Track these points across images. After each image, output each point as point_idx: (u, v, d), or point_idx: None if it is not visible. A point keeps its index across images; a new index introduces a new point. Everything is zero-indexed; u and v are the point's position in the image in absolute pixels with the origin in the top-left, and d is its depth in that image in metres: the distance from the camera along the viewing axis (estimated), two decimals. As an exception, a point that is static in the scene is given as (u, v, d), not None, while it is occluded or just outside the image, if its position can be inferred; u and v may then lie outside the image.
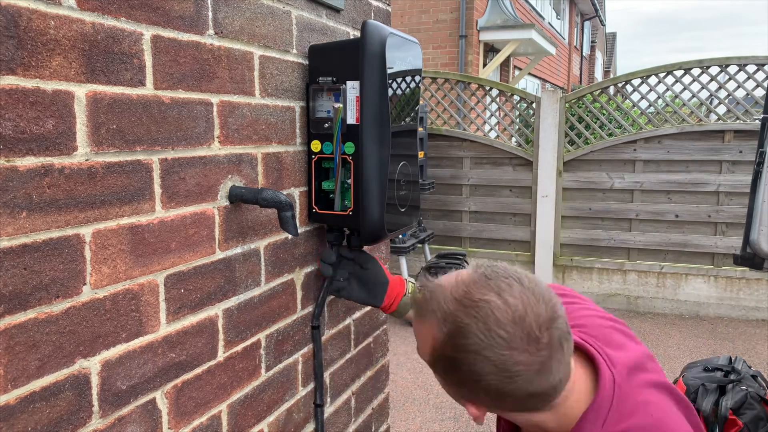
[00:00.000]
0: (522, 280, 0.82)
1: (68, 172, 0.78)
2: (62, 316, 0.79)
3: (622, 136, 5.32)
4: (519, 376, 0.78)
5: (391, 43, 1.23)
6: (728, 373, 3.31)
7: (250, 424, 1.18)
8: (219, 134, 1.05)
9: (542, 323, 0.78)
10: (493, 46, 10.67)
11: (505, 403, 0.84)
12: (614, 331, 1.01)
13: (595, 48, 26.12)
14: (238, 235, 1.11)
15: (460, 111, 6.01)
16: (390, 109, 1.25)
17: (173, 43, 0.93)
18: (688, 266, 5.26)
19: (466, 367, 0.80)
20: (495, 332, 0.77)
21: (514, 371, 0.78)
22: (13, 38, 0.70)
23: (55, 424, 0.78)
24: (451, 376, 0.86)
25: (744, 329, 4.88)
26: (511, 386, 0.79)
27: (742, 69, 5.00)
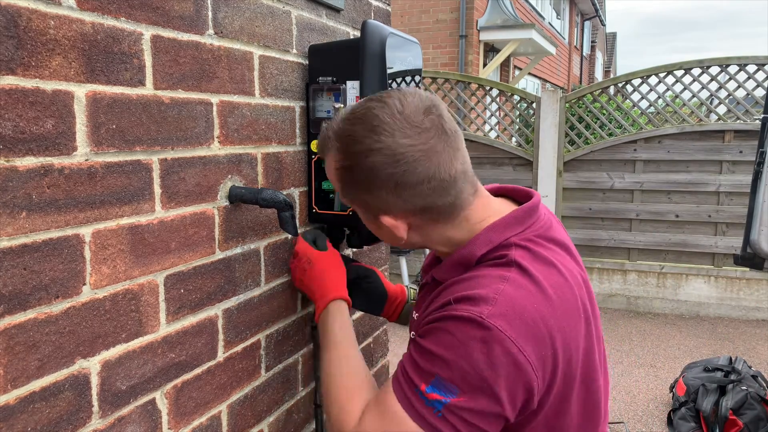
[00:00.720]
0: (400, 88, 0.91)
1: (68, 172, 0.78)
2: (62, 316, 0.79)
3: (623, 136, 5.32)
4: (406, 157, 0.84)
5: (391, 43, 1.23)
6: (728, 373, 3.32)
7: (249, 425, 1.18)
8: (219, 134, 1.05)
9: (420, 111, 0.86)
10: (493, 46, 10.67)
11: (408, 197, 0.87)
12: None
13: (595, 48, 26.12)
14: (238, 236, 1.11)
15: (460, 111, 6.01)
16: (390, 109, 1.25)
17: (173, 43, 0.93)
18: (688, 266, 5.26)
19: (363, 167, 0.87)
20: (378, 127, 0.85)
21: (401, 153, 0.84)
22: (13, 38, 0.70)
23: (55, 424, 0.78)
24: (355, 186, 0.91)
25: (744, 329, 4.88)
26: (402, 169, 0.85)
27: (743, 69, 5.00)
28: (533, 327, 0.81)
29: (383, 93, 0.90)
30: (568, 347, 0.86)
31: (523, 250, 0.89)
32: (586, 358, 0.90)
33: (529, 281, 0.85)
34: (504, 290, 0.83)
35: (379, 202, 0.90)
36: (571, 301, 0.88)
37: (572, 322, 0.87)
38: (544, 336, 0.82)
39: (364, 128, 0.86)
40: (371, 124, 0.85)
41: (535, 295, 0.84)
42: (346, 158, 0.89)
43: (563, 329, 0.85)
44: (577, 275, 0.93)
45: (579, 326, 0.89)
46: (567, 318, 0.86)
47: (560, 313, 0.85)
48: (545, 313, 0.83)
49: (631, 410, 3.55)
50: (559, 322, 0.84)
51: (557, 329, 0.84)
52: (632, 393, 3.76)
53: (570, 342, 0.86)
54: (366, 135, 0.86)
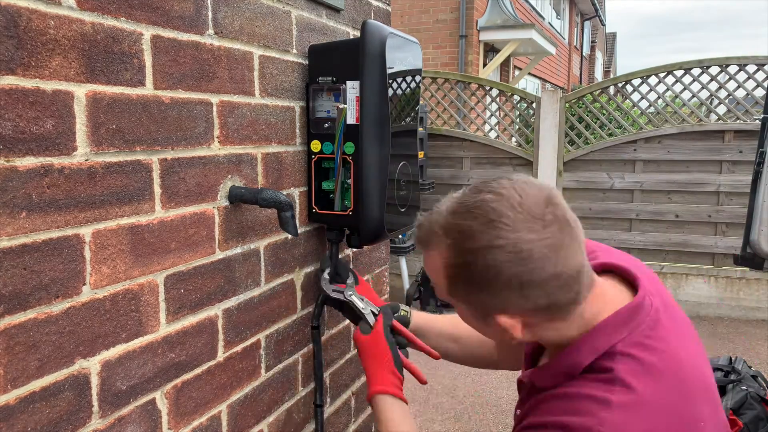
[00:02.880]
0: (510, 176, 0.83)
1: (68, 172, 0.78)
2: (62, 316, 0.79)
3: (622, 136, 5.32)
4: (533, 254, 0.77)
5: (391, 43, 1.23)
6: (728, 373, 3.31)
7: (249, 425, 1.18)
8: (219, 134, 1.05)
9: (541, 202, 0.79)
10: (493, 46, 10.66)
11: (532, 295, 0.80)
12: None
13: (595, 48, 26.11)
14: (238, 235, 1.11)
15: (460, 111, 6.01)
16: (390, 109, 1.25)
17: (173, 43, 0.93)
18: (688, 266, 5.25)
19: (482, 264, 0.79)
20: (497, 222, 0.77)
21: (527, 249, 0.76)
22: (12, 38, 0.70)
23: (55, 424, 0.78)
24: (470, 285, 0.83)
25: (744, 329, 4.88)
26: (529, 267, 0.77)
27: (743, 69, 5.00)
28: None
29: (493, 183, 0.82)
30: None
31: (630, 361, 0.81)
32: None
33: (637, 402, 0.78)
34: (607, 420, 0.76)
35: (498, 302, 0.82)
36: (686, 405, 0.82)
37: (687, 425, 0.81)
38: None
39: (480, 222, 0.78)
40: (488, 217, 0.77)
41: (643, 419, 0.77)
42: (461, 255, 0.81)
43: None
44: (694, 355, 0.87)
45: (700, 419, 0.83)
46: (680, 427, 0.81)
47: (676, 424, 0.80)
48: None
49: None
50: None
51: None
52: (632, 393, 3.77)
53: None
54: (484, 230, 0.77)
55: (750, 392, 3.21)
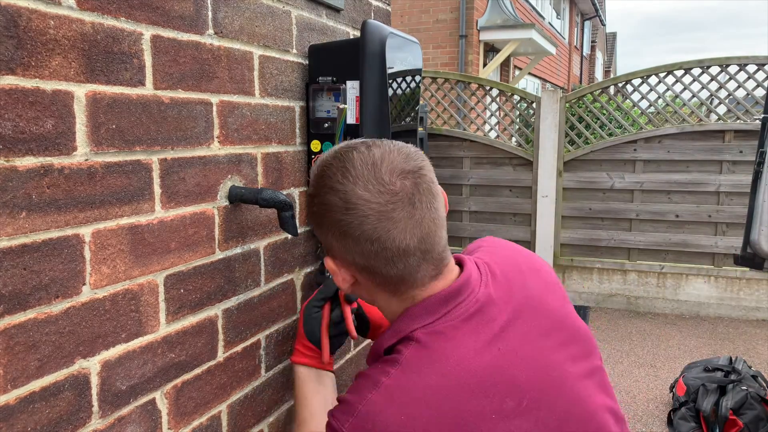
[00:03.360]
0: (397, 142, 0.87)
1: (68, 172, 0.78)
2: (62, 316, 0.79)
3: (623, 136, 5.32)
4: (356, 210, 0.81)
5: (391, 43, 1.23)
6: (728, 373, 3.32)
7: (250, 425, 1.18)
8: (219, 134, 1.05)
9: (394, 171, 0.82)
10: (493, 46, 10.66)
11: (350, 248, 0.84)
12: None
13: (595, 48, 26.11)
14: (238, 235, 1.11)
15: (460, 111, 6.01)
16: (390, 109, 1.25)
17: (173, 43, 0.93)
18: (688, 266, 5.25)
19: (319, 200, 0.85)
20: (348, 170, 0.83)
21: (353, 203, 0.81)
22: (12, 38, 0.70)
23: (55, 424, 0.78)
24: (311, 217, 0.90)
25: (744, 329, 4.88)
26: (350, 220, 0.82)
27: (743, 69, 5.00)
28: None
29: (381, 141, 0.87)
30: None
31: (418, 347, 0.82)
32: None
33: (406, 387, 0.79)
34: (369, 399, 0.79)
35: (327, 243, 0.89)
36: (473, 399, 0.79)
37: (468, 426, 0.78)
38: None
39: (337, 165, 0.85)
40: (344, 165, 0.84)
41: (404, 405, 0.78)
42: (314, 186, 0.88)
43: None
44: (523, 351, 0.84)
45: (491, 424, 0.79)
46: (454, 426, 0.78)
47: (444, 418, 0.77)
48: (410, 427, 0.77)
49: (631, 410, 3.55)
50: (440, 426, 0.77)
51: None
52: (632, 393, 3.76)
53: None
54: (334, 173, 0.84)
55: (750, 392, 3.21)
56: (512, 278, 0.93)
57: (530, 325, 0.88)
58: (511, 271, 0.94)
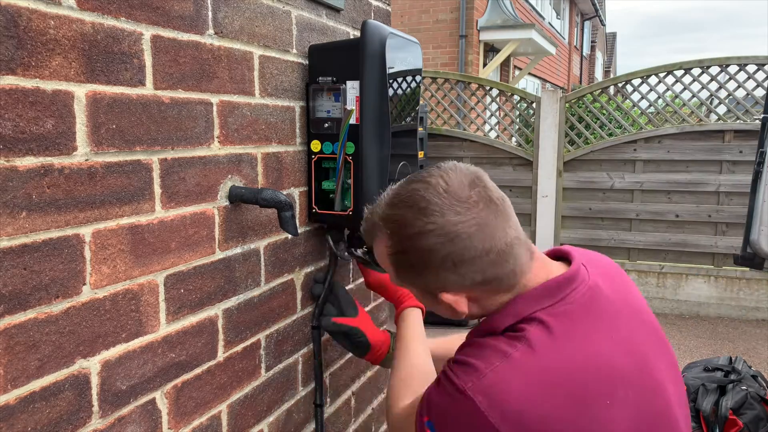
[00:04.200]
0: (439, 165, 0.89)
1: (68, 172, 0.78)
2: (62, 316, 0.79)
3: (623, 136, 5.32)
4: (460, 234, 0.83)
5: (391, 43, 1.23)
6: (728, 373, 3.31)
7: (250, 424, 1.18)
8: (219, 134, 1.05)
9: (465, 186, 0.85)
10: (493, 46, 10.66)
11: (467, 272, 0.86)
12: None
13: (595, 48, 26.10)
14: (238, 235, 1.11)
15: (460, 111, 6.01)
16: (390, 109, 1.25)
17: (173, 43, 0.93)
18: (688, 266, 5.25)
19: (417, 249, 0.86)
20: (427, 209, 0.84)
21: (454, 231, 0.83)
22: (13, 38, 0.70)
23: (55, 424, 0.78)
24: (412, 269, 0.89)
25: (744, 329, 4.88)
26: (459, 246, 0.83)
27: (743, 69, 5.00)
28: (514, 416, 0.79)
29: (423, 173, 0.88)
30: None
31: (543, 327, 0.84)
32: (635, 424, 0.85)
33: (533, 363, 0.81)
34: (498, 368, 0.81)
35: (438, 282, 0.88)
36: (594, 381, 0.82)
37: (587, 408, 0.81)
38: (529, 426, 0.79)
39: (412, 211, 0.85)
40: (419, 206, 0.84)
41: (531, 380, 0.80)
42: (399, 243, 0.88)
43: (563, 419, 0.79)
44: (629, 342, 0.88)
45: (604, 410, 0.82)
46: (576, 406, 0.80)
47: (567, 396, 0.80)
48: (536, 401, 0.79)
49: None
50: (559, 411, 0.79)
51: (555, 419, 0.79)
52: (632, 393, 3.77)
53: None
54: (416, 217, 0.84)
55: (750, 392, 3.21)
56: (609, 277, 0.97)
57: (632, 323, 0.92)
58: (606, 270, 0.98)
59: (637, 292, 1.01)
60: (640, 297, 1.01)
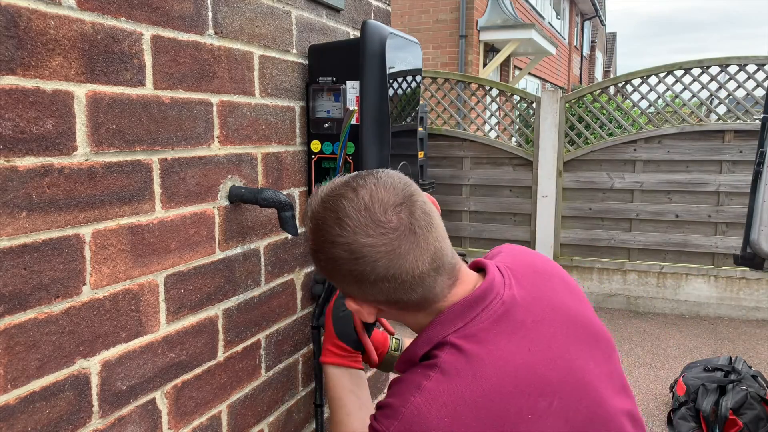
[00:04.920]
0: (379, 174, 0.87)
1: (68, 172, 0.78)
2: (62, 316, 0.79)
3: (622, 136, 5.32)
4: (365, 257, 0.82)
5: (391, 43, 1.23)
6: (728, 373, 3.32)
7: (250, 424, 1.18)
8: (219, 134, 1.05)
9: (387, 208, 0.83)
10: (493, 46, 10.66)
11: (368, 291, 0.86)
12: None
13: (595, 48, 26.11)
14: (238, 235, 1.11)
15: (460, 111, 6.01)
16: (390, 109, 1.26)
17: (173, 43, 0.93)
18: (688, 266, 5.25)
19: (326, 256, 0.86)
20: (343, 221, 0.83)
21: (360, 253, 0.82)
22: (13, 38, 0.70)
23: (55, 424, 0.78)
24: (323, 269, 0.90)
25: (744, 329, 4.88)
26: (361, 268, 0.83)
27: (743, 69, 5.00)
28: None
29: (360, 179, 0.87)
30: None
31: (455, 351, 0.84)
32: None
33: (448, 389, 0.81)
34: (413, 403, 0.81)
35: (344, 288, 0.90)
36: (512, 398, 0.82)
37: (509, 427, 0.80)
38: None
39: (331, 218, 0.84)
40: (337, 215, 0.84)
41: (448, 407, 0.80)
42: (314, 242, 0.88)
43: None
44: (550, 350, 0.87)
45: (528, 424, 0.81)
46: (496, 426, 0.80)
47: (486, 418, 0.80)
48: (455, 429, 0.79)
49: (631, 410, 3.55)
50: (484, 427, 0.80)
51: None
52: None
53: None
54: (331, 226, 0.84)
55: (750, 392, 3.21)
56: (533, 281, 0.95)
57: (555, 328, 0.90)
58: (531, 274, 0.96)
59: (570, 292, 0.98)
60: (575, 296, 0.98)
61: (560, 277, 1.01)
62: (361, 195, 0.84)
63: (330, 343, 1.16)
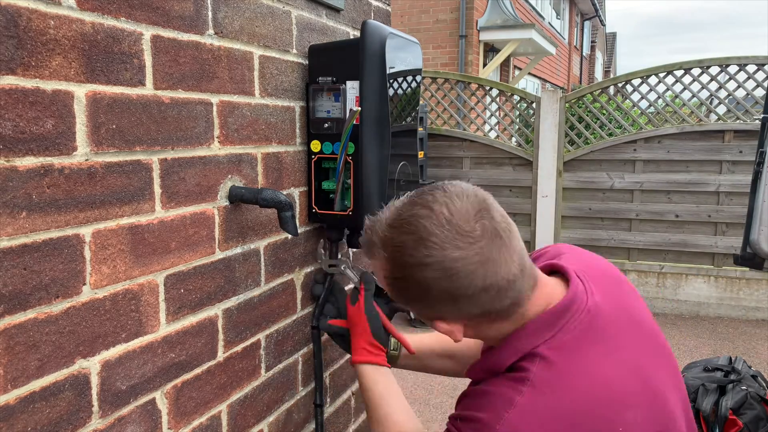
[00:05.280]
0: (445, 187, 0.85)
1: (68, 172, 0.78)
2: (62, 316, 0.79)
3: (622, 136, 5.32)
4: (460, 271, 0.79)
5: (391, 43, 1.23)
6: (728, 373, 3.31)
7: (249, 424, 1.18)
8: (219, 134, 1.05)
9: (469, 218, 0.81)
10: (493, 46, 10.66)
11: (464, 307, 0.84)
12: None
13: (595, 48, 26.10)
14: (238, 235, 1.11)
15: (460, 111, 6.01)
16: (390, 109, 1.25)
17: (173, 43, 0.93)
18: (688, 266, 5.25)
19: (415, 281, 0.83)
20: (427, 241, 0.80)
21: (454, 267, 0.79)
22: (13, 38, 0.70)
23: (55, 424, 0.78)
24: (408, 296, 0.87)
25: (744, 329, 4.88)
26: (457, 284, 0.80)
27: (742, 69, 5.00)
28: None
29: (427, 195, 0.84)
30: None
31: (545, 364, 0.83)
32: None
33: (542, 405, 0.80)
34: (508, 419, 0.79)
35: (434, 311, 0.87)
36: (604, 411, 0.81)
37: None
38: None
39: (413, 239, 0.81)
40: (419, 235, 0.80)
41: (543, 424, 0.79)
42: (397, 270, 0.85)
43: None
44: (631, 360, 0.87)
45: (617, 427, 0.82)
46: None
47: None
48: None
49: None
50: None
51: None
52: (632, 393, 3.77)
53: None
54: (415, 247, 0.81)
55: (750, 392, 3.21)
56: (608, 288, 0.94)
57: (633, 337, 0.90)
58: (605, 280, 0.95)
59: (635, 296, 0.98)
60: (639, 301, 0.98)
61: (626, 282, 1.01)
62: (437, 210, 0.81)
63: (365, 342, 1.17)
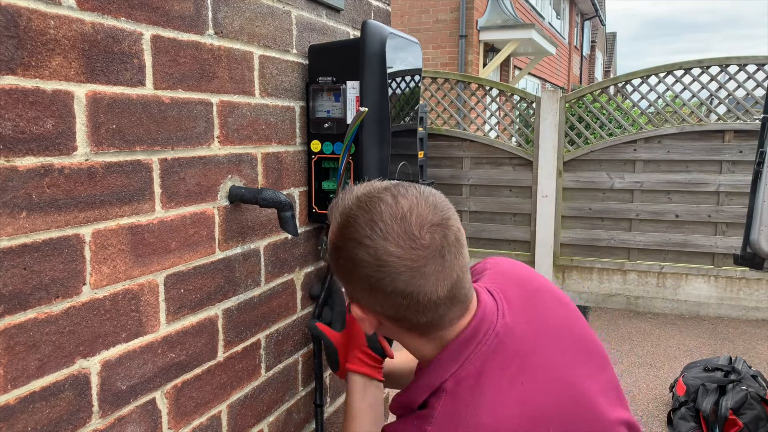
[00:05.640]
0: (422, 189, 0.85)
1: (68, 172, 0.78)
2: (62, 316, 0.79)
3: (622, 136, 5.32)
4: (388, 266, 0.80)
5: (391, 43, 1.23)
6: (728, 373, 3.32)
7: (250, 424, 1.18)
8: (219, 134, 1.05)
9: (424, 225, 0.80)
10: (493, 46, 10.66)
11: (380, 302, 0.84)
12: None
13: (595, 48, 26.10)
14: (238, 235, 1.11)
15: (460, 111, 6.01)
16: (390, 109, 1.26)
17: (173, 43, 0.93)
18: (688, 266, 5.25)
19: (347, 255, 0.83)
20: (376, 224, 0.81)
21: (385, 261, 0.80)
22: (13, 38, 0.70)
23: (55, 424, 0.78)
24: (338, 267, 0.88)
25: (744, 329, 4.88)
26: (380, 276, 0.81)
27: (742, 69, 5.00)
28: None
29: (404, 188, 0.85)
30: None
31: (450, 399, 0.84)
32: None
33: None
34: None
35: (353, 292, 0.88)
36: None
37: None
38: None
39: (364, 218, 0.82)
40: (371, 217, 0.81)
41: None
42: (338, 238, 0.85)
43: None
44: (549, 375, 0.87)
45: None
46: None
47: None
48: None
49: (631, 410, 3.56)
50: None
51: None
52: (632, 393, 3.76)
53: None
54: (362, 226, 0.81)
55: (750, 392, 3.21)
56: (525, 301, 0.94)
57: (550, 349, 0.89)
58: (523, 294, 0.95)
59: (559, 304, 0.97)
60: (565, 308, 0.97)
61: (549, 290, 0.99)
62: (401, 203, 0.81)
63: (359, 351, 1.15)
